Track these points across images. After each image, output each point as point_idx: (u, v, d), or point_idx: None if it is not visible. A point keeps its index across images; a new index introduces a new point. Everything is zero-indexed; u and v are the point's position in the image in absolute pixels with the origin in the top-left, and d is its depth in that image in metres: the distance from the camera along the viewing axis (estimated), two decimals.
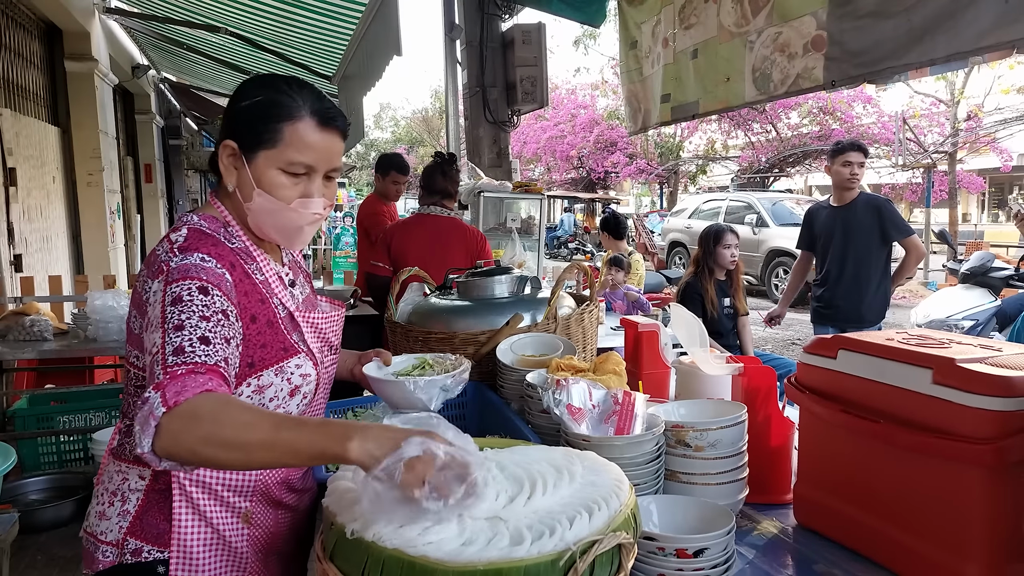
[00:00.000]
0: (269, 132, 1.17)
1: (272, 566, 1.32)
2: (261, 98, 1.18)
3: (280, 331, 1.23)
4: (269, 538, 1.29)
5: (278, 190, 1.19)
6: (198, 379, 0.99)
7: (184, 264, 1.12)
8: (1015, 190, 24.47)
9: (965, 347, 1.21)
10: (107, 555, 1.20)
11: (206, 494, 1.21)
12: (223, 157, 1.21)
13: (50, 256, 6.06)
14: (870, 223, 3.93)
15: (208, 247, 1.16)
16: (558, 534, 0.87)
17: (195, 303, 1.08)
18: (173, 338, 1.03)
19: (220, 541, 1.22)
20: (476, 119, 5.26)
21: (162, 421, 0.94)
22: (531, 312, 1.93)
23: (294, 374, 1.23)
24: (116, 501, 1.22)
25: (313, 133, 1.19)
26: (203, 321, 1.06)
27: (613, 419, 1.35)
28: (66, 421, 3.64)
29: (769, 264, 12.05)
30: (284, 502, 1.32)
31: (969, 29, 2.13)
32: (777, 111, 17.65)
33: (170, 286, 1.09)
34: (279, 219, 1.22)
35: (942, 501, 1.12)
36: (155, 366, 1.02)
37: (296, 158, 1.18)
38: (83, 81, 6.52)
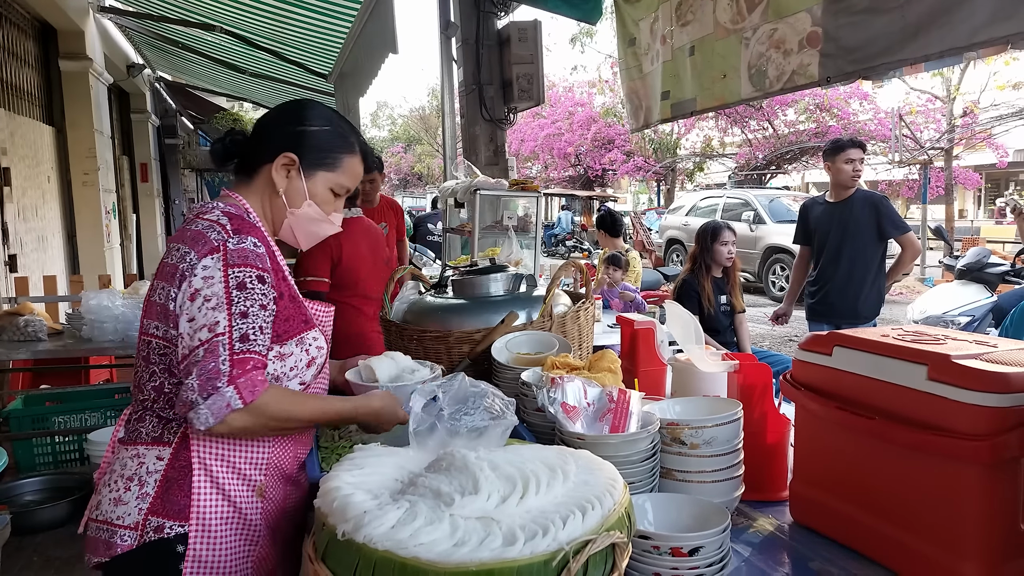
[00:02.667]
0: (332, 159, 1.41)
1: (279, 544, 1.39)
2: (329, 128, 1.41)
3: (300, 305, 1.37)
4: (279, 513, 1.38)
5: (324, 205, 1.43)
6: (260, 374, 1.19)
7: (243, 249, 1.25)
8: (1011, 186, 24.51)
9: (960, 343, 1.20)
10: (125, 539, 1.24)
11: (226, 467, 1.29)
12: (278, 165, 1.37)
13: (45, 256, 6.04)
14: (867, 220, 3.92)
15: (255, 231, 1.31)
16: (551, 534, 0.86)
17: (256, 292, 1.23)
18: (240, 324, 1.19)
19: (237, 514, 1.29)
20: (472, 117, 5.25)
21: (235, 414, 1.15)
22: (527, 310, 1.93)
23: (311, 346, 1.36)
24: (133, 486, 1.26)
25: (359, 166, 1.47)
26: (262, 310, 1.23)
27: (608, 417, 1.34)
28: (61, 422, 3.63)
29: (766, 261, 12.05)
30: (294, 477, 1.41)
31: (963, 25, 2.13)
32: (774, 108, 17.64)
33: (232, 269, 1.22)
34: (318, 227, 1.44)
35: (938, 498, 1.12)
36: (219, 347, 1.16)
37: (346, 183, 1.44)
38: (78, 80, 6.49)
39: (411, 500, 0.93)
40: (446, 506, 0.90)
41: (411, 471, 1.06)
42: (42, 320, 3.82)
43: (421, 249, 7.92)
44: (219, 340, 1.17)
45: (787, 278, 11.38)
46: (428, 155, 33.53)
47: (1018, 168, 22.49)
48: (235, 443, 1.29)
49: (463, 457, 1.00)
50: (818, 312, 4.14)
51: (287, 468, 1.38)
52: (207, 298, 1.20)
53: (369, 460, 1.08)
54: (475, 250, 4.09)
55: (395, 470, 1.07)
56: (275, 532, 1.36)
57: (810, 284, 4.22)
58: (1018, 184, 25.05)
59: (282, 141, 1.38)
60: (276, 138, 1.39)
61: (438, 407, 1.20)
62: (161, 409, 1.29)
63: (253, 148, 1.41)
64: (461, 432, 1.14)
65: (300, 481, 1.43)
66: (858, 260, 3.95)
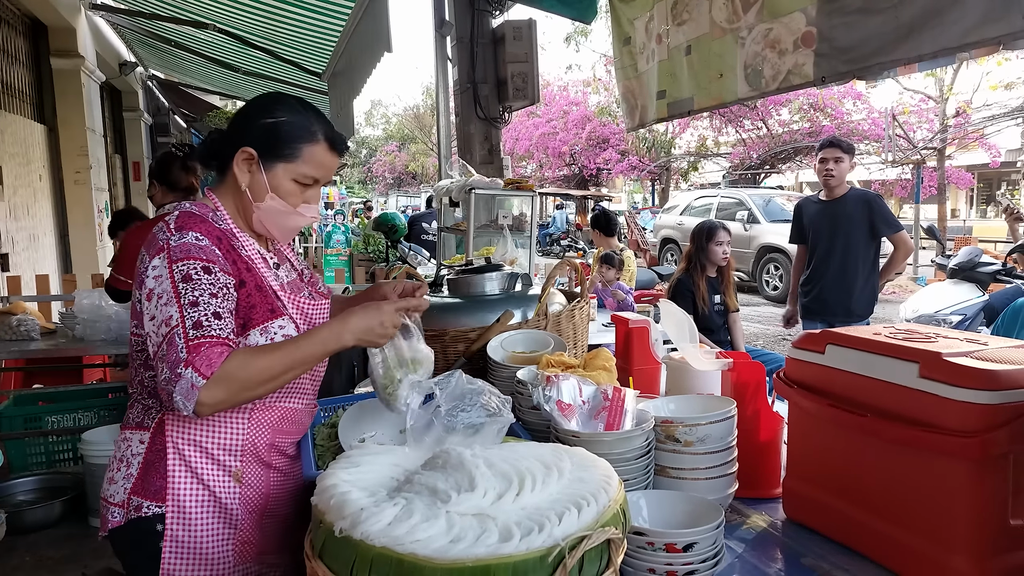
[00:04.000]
0: (290, 150, 1.38)
1: (268, 528, 1.41)
2: (286, 119, 1.38)
3: (268, 294, 1.37)
4: (261, 499, 1.40)
5: (289, 197, 1.40)
6: (217, 349, 1.21)
7: (184, 244, 1.27)
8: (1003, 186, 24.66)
9: (952, 341, 1.22)
10: (115, 516, 1.34)
11: (199, 452, 1.33)
12: (239, 160, 1.38)
13: (37, 255, 6.01)
14: (860, 218, 3.95)
15: (198, 225, 1.32)
16: (547, 530, 0.87)
17: (203, 282, 1.25)
18: (190, 313, 1.22)
19: (212, 498, 1.34)
20: (467, 116, 5.25)
21: (204, 391, 1.17)
22: (522, 309, 1.93)
23: (277, 334, 1.35)
24: (122, 467, 1.36)
25: (324, 155, 1.42)
26: (212, 298, 1.25)
27: (603, 415, 1.35)
28: (54, 421, 3.62)
29: (760, 261, 12.09)
30: (275, 465, 1.42)
31: (956, 25, 2.14)
32: (768, 107, 17.69)
33: (175, 264, 1.25)
34: (285, 220, 1.42)
35: (929, 494, 1.13)
36: (176, 337, 1.20)
37: (309, 173, 1.41)
38: (69, 78, 6.46)
39: (407, 497, 0.93)
40: (442, 503, 0.91)
41: (407, 469, 1.07)
42: (35, 319, 3.81)
43: (416, 248, 7.91)
44: (175, 331, 1.21)
45: (780, 277, 11.45)
46: (422, 154, 33.49)
47: (1010, 168, 22.62)
48: (205, 428, 1.34)
49: (459, 455, 1.00)
50: (812, 310, 4.17)
51: (264, 455, 1.39)
52: (159, 295, 1.24)
53: (365, 458, 1.08)
54: (470, 249, 4.09)
55: (391, 468, 1.07)
56: (261, 517, 1.39)
57: (804, 282, 4.25)
58: (1010, 184, 25.20)
59: (240, 136, 1.39)
60: (237, 135, 1.40)
61: (435, 404, 1.21)
62: (143, 398, 1.38)
63: (223, 147, 1.42)
64: (457, 429, 1.15)
65: (282, 467, 1.44)
66: (851, 258, 3.98)
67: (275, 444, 1.41)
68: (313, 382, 1.50)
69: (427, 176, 32.83)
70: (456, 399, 1.21)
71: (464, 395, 1.22)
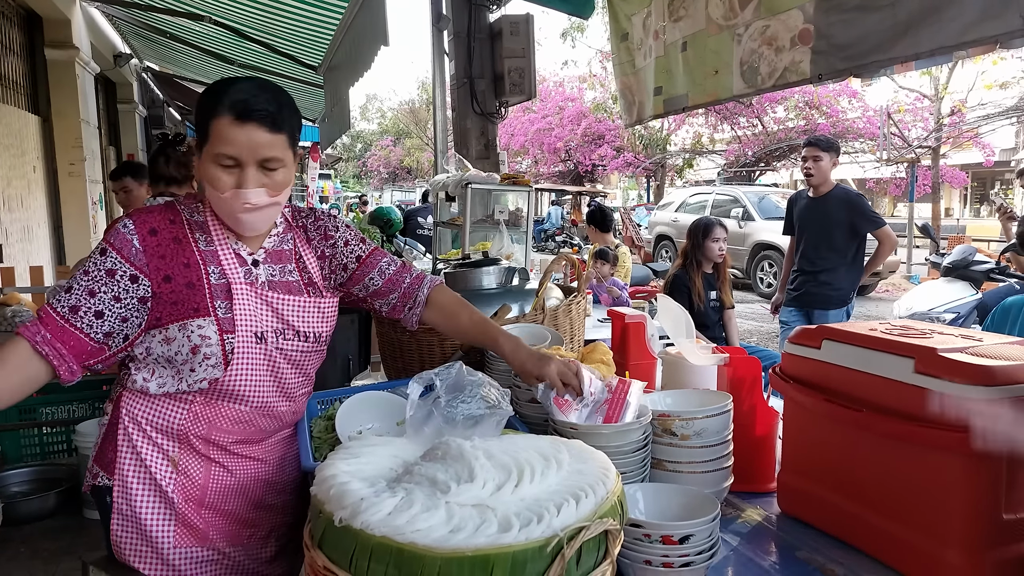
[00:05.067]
0: (202, 130, 1.29)
1: (206, 519, 1.40)
2: (203, 99, 1.30)
3: (200, 293, 1.33)
4: (197, 489, 1.40)
5: (214, 182, 1.29)
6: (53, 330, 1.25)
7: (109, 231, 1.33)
8: (997, 185, 24.76)
9: (947, 337, 1.23)
10: (87, 479, 1.43)
11: (139, 432, 1.38)
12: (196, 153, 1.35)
13: (31, 247, 5.98)
14: (840, 215, 4.14)
15: (140, 215, 1.34)
16: (546, 521, 0.87)
17: (88, 266, 1.29)
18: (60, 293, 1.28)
19: (149, 478, 1.37)
20: (464, 111, 5.24)
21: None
22: (519, 303, 1.94)
23: (194, 333, 1.32)
24: (96, 434, 1.45)
25: (230, 127, 1.25)
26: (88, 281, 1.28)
27: (603, 408, 1.35)
28: (48, 412, 3.60)
29: (755, 258, 12.12)
30: (214, 458, 1.41)
31: (953, 24, 2.15)
32: (763, 105, 17.71)
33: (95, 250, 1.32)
34: (220, 207, 1.34)
35: (923, 488, 1.14)
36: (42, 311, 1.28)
37: (220, 150, 1.27)
38: (64, 69, 6.42)
39: (407, 488, 0.94)
40: (442, 494, 0.91)
41: (406, 460, 1.07)
42: (29, 311, 3.79)
43: (411, 243, 7.89)
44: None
45: (775, 275, 11.48)
46: (418, 149, 33.42)
47: (1003, 167, 22.72)
48: (147, 408, 1.37)
49: (458, 446, 1.01)
50: (793, 299, 4.37)
51: (200, 447, 1.38)
52: None
53: (365, 449, 1.09)
54: (466, 244, 4.09)
55: (390, 459, 1.07)
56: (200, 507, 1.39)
57: (792, 272, 4.45)
58: (1003, 183, 25.31)
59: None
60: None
61: (434, 395, 1.21)
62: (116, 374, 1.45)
63: None
64: (457, 420, 1.15)
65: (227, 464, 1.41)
66: (831, 253, 4.17)
67: (210, 438, 1.39)
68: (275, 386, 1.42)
69: (422, 171, 32.78)
70: (456, 390, 1.21)
71: (464, 386, 1.22)
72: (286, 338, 1.40)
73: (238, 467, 1.44)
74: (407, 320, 1.59)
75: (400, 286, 1.56)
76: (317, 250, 1.50)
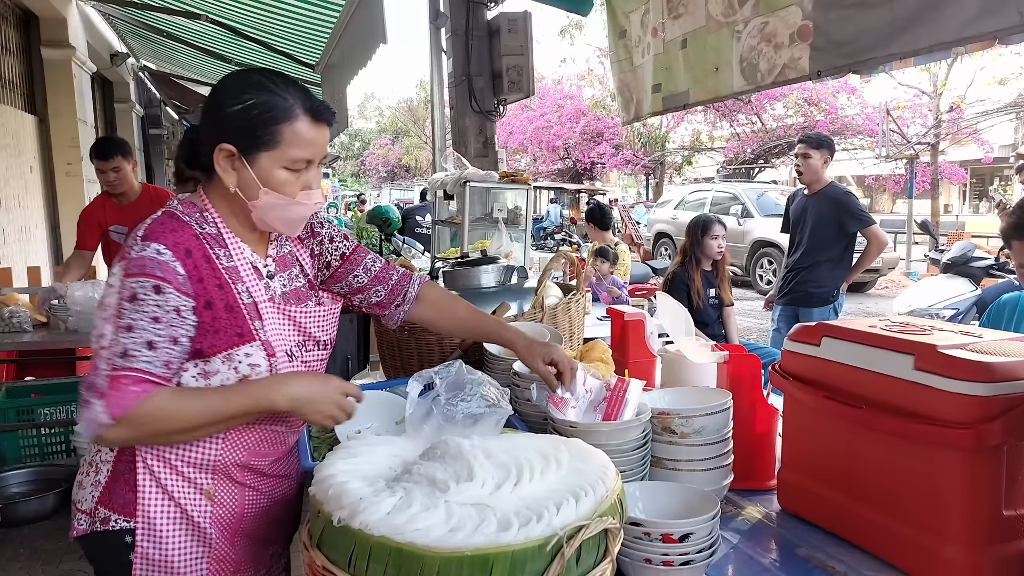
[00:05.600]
0: (269, 135, 1.21)
1: (240, 547, 1.34)
2: (254, 100, 1.20)
3: (240, 316, 1.24)
4: (234, 518, 1.32)
5: (284, 187, 1.24)
6: (135, 389, 1.11)
7: (142, 257, 1.15)
8: (996, 181, 24.77)
9: (946, 334, 1.22)
10: (81, 523, 1.27)
11: (168, 469, 1.25)
12: (219, 160, 1.22)
13: (29, 247, 5.97)
14: (828, 213, 4.19)
15: (167, 236, 1.19)
16: (545, 520, 0.87)
17: (148, 303, 1.14)
18: (122, 338, 1.12)
19: (183, 516, 1.26)
20: (462, 109, 5.23)
21: (109, 429, 1.09)
22: (518, 301, 1.93)
23: (242, 363, 1.23)
24: (91, 472, 1.29)
25: (309, 130, 1.23)
26: (153, 323, 1.14)
27: (602, 406, 1.35)
28: (47, 413, 3.60)
29: (754, 255, 12.12)
30: (251, 485, 1.34)
31: (952, 20, 2.14)
32: (762, 102, 17.71)
33: (128, 279, 1.15)
34: (287, 212, 1.27)
35: (923, 485, 1.14)
36: (99, 360, 1.12)
37: (298, 155, 1.23)
38: (60, 69, 6.40)
39: (406, 487, 0.93)
40: (441, 493, 0.91)
41: (405, 459, 1.07)
42: (27, 311, 3.78)
43: (410, 242, 7.89)
44: (102, 352, 1.12)
45: (774, 272, 11.49)
46: (416, 147, 33.40)
47: (1002, 164, 22.72)
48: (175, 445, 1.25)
49: (458, 445, 1.00)
50: (782, 295, 4.43)
51: (237, 475, 1.31)
52: (104, 307, 1.16)
53: (363, 448, 1.08)
54: (465, 242, 4.09)
55: (389, 458, 1.07)
56: (236, 534, 1.32)
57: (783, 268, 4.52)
58: (1002, 179, 25.31)
59: (211, 131, 1.23)
60: (205, 129, 1.25)
61: (434, 393, 1.21)
62: None
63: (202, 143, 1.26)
64: (457, 418, 1.15)
65: (260, 487, 1.36)
66: (818, 250, 4.22)
67: (250, 465, 1.33)
68: None
69: (421, 169, 32.76)
70: (456, 388, 1.21)
71: (464, 385, 1.21)
72: (307, 350, 1.35)
73: (270, 488, 1.39)
74: (391, 317, 1.52)
75: (388, 282, 1.50)
76: (308, 248, 1.45)
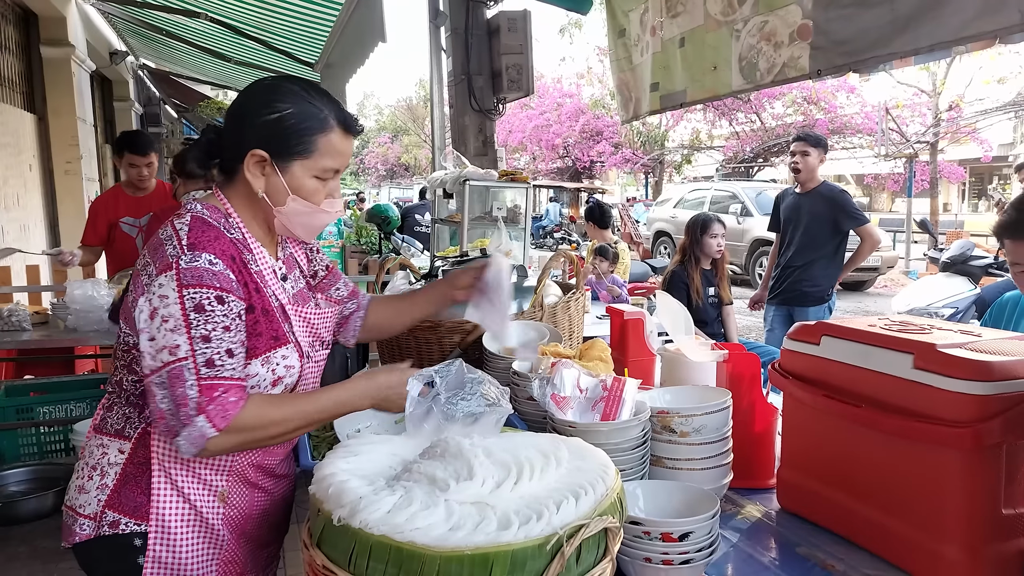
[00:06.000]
0: (304, 144, 1.25)
1: (244, 548, 1.35)
2: (291, 109, 1.24)
3: (275, 319, 1.27)
4: (243, 519, 1.34)
5: (313, 195, 1.28)
6: (233, 395, 1.14)
7: (196, 268, 1.16)
8: (995, 180, 24.77)
9: (946, 333, 1.22)
10: (84, 528, 1.25)
11: (184, 471, 1.26)
12: (249, 165, 1.25)
13: (28, 245, 5.96)
14: (824, 211, 4.20)
15: (212, 244, 1.20)
16: (545, 519, 0.87)
17: (216, 314, 1.16)
18: (203, 348, 1.13)
19: (197, 517, 1.26)
20: (461, 107, 5.22)
21: (211, 441, 1.12)
22: (517, 300, 1.93)
23: (279, 365, 1.26)
24: (95, 475, 1.26)
25: (341, 141, 1.29)
26: (226, 332, 1.16)
27: (600, 405, 1.35)
28: (46, 412, 3.60)
29: (753, 254, 12.13)
30: (260, 485, 1.36)
31: (952, 19, 2.14)
32: (761, 100, 17.71)
33: (186, 290, 1.15)
34: (312, 220, 1.31)
35: (922, 484, 1.14)
36: (184, 372, 1.12)
37: (330, 165, 1.28)
38: (60, 67, 6.39)
39: (406, 486, 0.93)
40: (441, 492, 0.91)
41: (405, 458, 1.07)
42: (25, 310, 3.78)
43: (409, 240, 7.88)
44: (183, 365, 1.12)
45: None
46: (415, 146, 33.40)
47: (1001, 162, 22.72)
48: None
49: (457, 444, 1.00)
50: (775, 295, 4.41)
51: (250, 476, 1.33)
52: (164, 319, 1.14)
53: (363, 447, 1.08)
54: (464, 241, 4.08)
55: (389, 457, 1.07)
56: (241, 536, 1.34)
57: (775, 268, 4.48)
58: (1001, 178, 25.32)
59: (248, 136, 1.25)
60: (239, 134, 1.27)
61: (434, 392, 1.21)
62: (122, 405, 1.29)
63: (227, 146, 1.29)
64: (457, 417, 1.15)
65: (267, 487, 1.38)
66: (813, 249, 4.22)
67: (263, 465, 1.35)
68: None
69: (420, 168, 32.77)
70: (456, 387, 1.21)
71: (464, 384, 1.22)
72: (316, 350, 1.38)
73: (274, 487, 1.40)
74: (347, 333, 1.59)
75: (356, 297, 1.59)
76: (304, 251, 1.48)
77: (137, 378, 1.23)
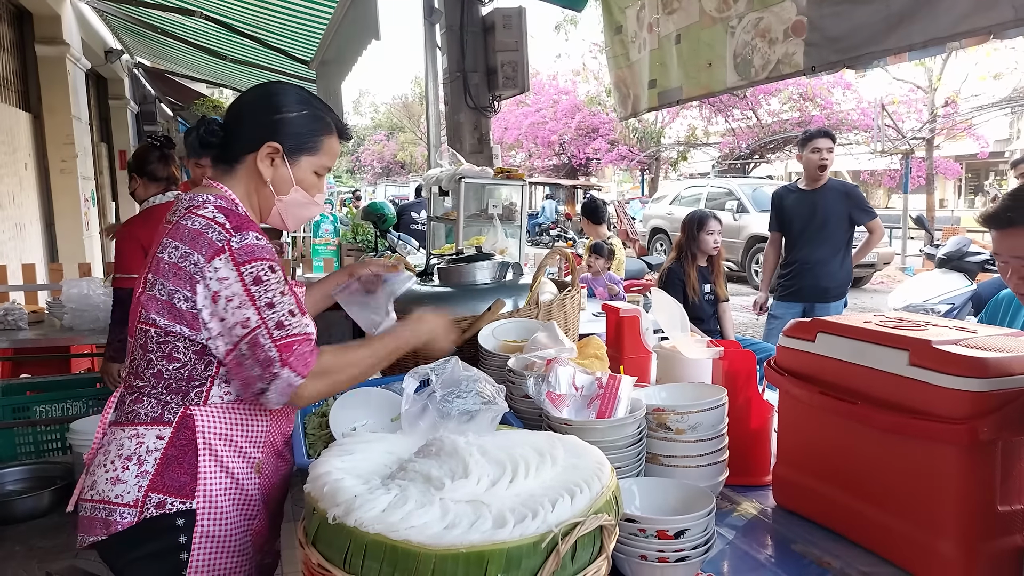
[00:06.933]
0: (313, 142, 1.44)
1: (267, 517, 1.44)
2: (306, 112, 1.43)
3: (293, 291, 1.37)
4: (272, 487, 1.44)
5: (311, 188, 1.46)
6: (306, 347, 1.28)
7: (247, 245, 1.28)
8: (991, 176, 24.83)
9: (941, 329, 1.22)
10: (125, 516, 1.28)
11: (228, 446, 1.34)
12: (263, 155, 1.39)
13: (23, 244, 5.95)
14: (839, 207, 4.18)
15: (249, 223, 1.34)
16: (540, 517, 0.87)
17: (272, 281, 1.28)
18: (270, 315, 1.26)
19: (238, 489, 1.35)
20: (457, 105, 5.21)
21: (300, 387, 1.26)
22: (513, 298, 1.93)
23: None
24: (132, 465, 1.30)
25: (337, 144, 1.49)
26: (283, 296, 1.29)
27: (595, 403, 1.35)
28: (43, 411, 3.59)
29: (749, 250, 12.13)
30: (283, 454, 1.47)
31: (946, 15, 2.14)
32: (757, 97, 17.72)
33: (243, 267, 1.27)
34: (305, 210, 1.48)
35: (917, 480, 1.14)
36: (260, 338, 1.24)
37: (327, 163, 1.48)
38: (54, 66, 6.37)
39: (401, 484, 0.93)
40: (436, 490, 0.91)
41: (400, 456, 1.07)
42: (22, 308, 3.77)
43: (405, 238, 7.86)
44: (257, 333, 1.24)
45: None
46: (411, 143, 33.35)
47: (997, 158, 22.77)
48: (236, 423, 1.35)
49: (453, 442, 1.00)
50: (791, 293, 4.35)
51: (278, 444, 1.44)
52: (228, 299, 1.25)
53: (358, 446, 1.08)
54: (460, 239, 4.08)
55: (384, 455, 1.07)
56: (266, 505, 1.42)
57: (783, 267, 4.43)
58: (998, 174, 25.38)
59: (263, 129, 1.39)
60: (256, 126, 1.40)
61: (430, 389, 1.21)
62: (160, 393, 1.32)
63: (232, 137, 1.41)
64: (452, 415, 1.15)
65: (286, 456, 1.49)
66: (829, 244, 4.20)
67: (286, 433, 1.47)
68: None
69: (416, 165, 32.71)
70: (451, 385, 1.21)
71: (460, 382, 1.22)
72: None
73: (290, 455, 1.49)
74: None
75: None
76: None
77: (180, 364, 1.30)
